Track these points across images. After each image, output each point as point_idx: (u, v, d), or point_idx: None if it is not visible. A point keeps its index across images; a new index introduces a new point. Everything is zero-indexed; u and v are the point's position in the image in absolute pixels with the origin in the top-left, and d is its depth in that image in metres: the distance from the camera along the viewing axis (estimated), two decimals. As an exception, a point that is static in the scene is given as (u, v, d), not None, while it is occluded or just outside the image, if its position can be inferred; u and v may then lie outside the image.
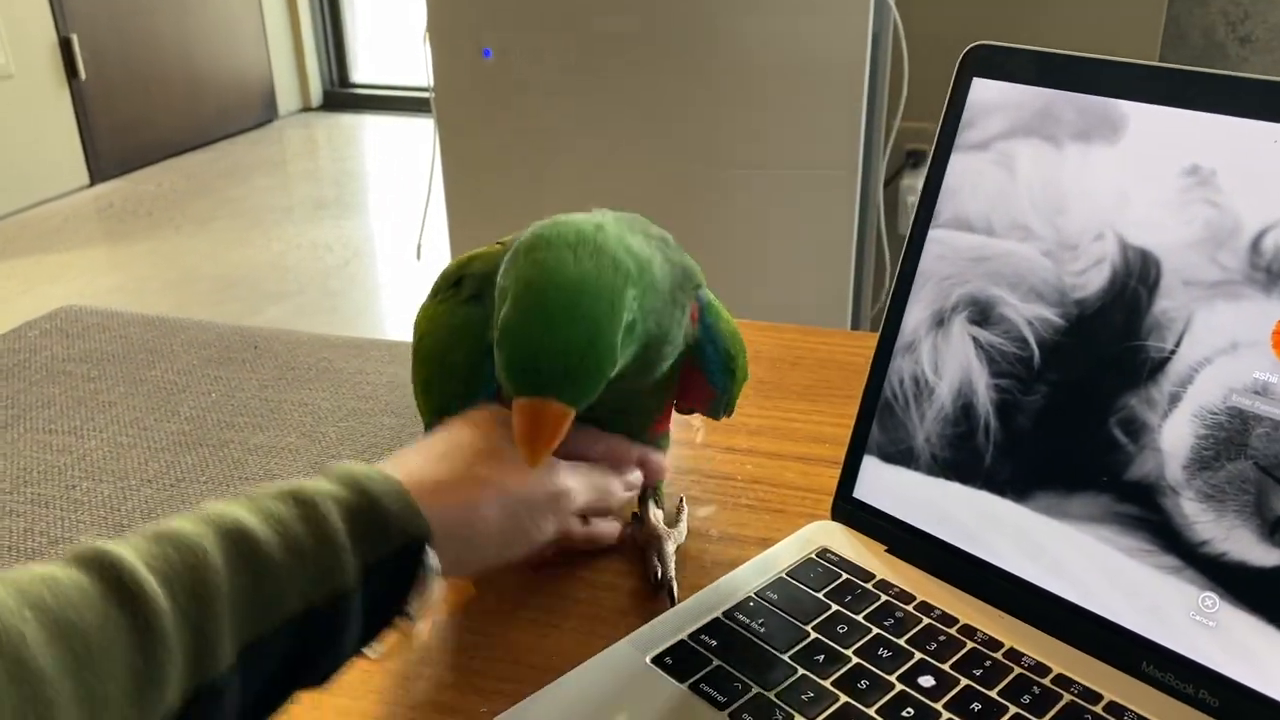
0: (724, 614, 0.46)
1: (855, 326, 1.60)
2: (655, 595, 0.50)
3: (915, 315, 0.49)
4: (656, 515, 0.53)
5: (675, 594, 0.49)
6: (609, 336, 0.41)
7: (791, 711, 0.41)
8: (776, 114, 1.44)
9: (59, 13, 3.18)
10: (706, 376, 0.51)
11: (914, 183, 1.73)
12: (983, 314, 0.47)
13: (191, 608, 0.33)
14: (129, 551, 0.34)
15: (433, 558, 0.39)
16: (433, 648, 0.47)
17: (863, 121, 1.41)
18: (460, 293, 0.51)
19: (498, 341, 0.42)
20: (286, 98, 4.12)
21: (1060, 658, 0.43)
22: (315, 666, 0.37)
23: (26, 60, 3.10)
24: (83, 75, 3.26)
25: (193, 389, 0.75)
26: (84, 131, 3.30)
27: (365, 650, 0.39)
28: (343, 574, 0.37)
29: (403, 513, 0.39)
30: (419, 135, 3.86)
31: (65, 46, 3.21)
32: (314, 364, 0.79)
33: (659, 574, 0.50)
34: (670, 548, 0.51)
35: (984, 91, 0.48)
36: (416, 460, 0.42)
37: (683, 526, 0.54)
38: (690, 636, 0.45)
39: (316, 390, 0.75)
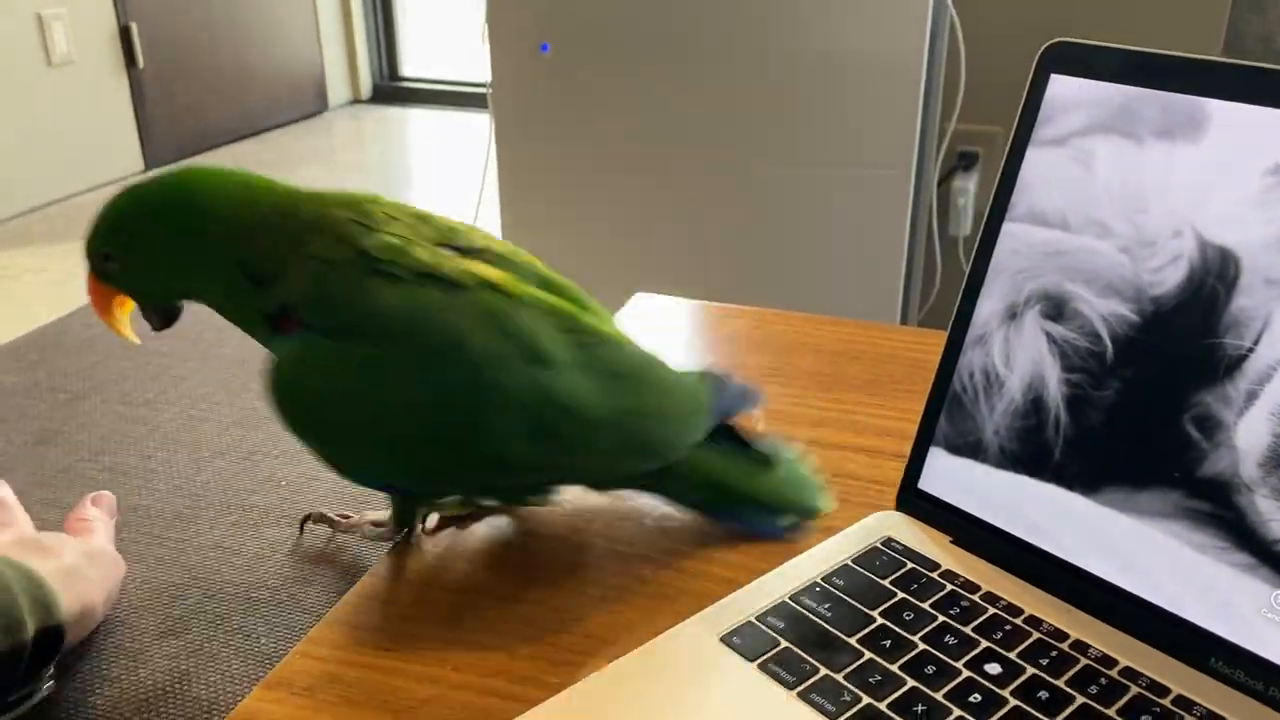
0: (790, 597, 0.47)
1: (904, 325, 1.60)
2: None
3: (987, 308, 0.50)
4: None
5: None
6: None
7: (859, 693, 0.41)
8: (832, 112, 1.44)
9: (120, 2, 3.24)
10: None
11: (965, 184, 1.73)
12: (1056, 308, 0.47)
13: None
14: None
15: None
16: (505, 619, 0.48)
17: (918, 122, 1.41)
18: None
19: None
20: (337, 90, 4.17)
21: (1127, 650, 0.43)
22: None
23: (88, 48, 3.17)
24: (141, 64, 3.32)
25: (261, 365, 0.76)
26: (140, 118, 3.37)
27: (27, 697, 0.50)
28: (20, 632, 0.46)
29: (55, 603, 0.49)
30: (466, 129, 3.89)
31: (125, 35, 3.28)
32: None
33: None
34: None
35: (1062, 88, 0.48)
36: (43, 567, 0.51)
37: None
38: (758, 618, 0.46)
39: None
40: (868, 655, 0.43)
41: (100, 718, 0.49)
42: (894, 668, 0.43)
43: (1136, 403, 0.45)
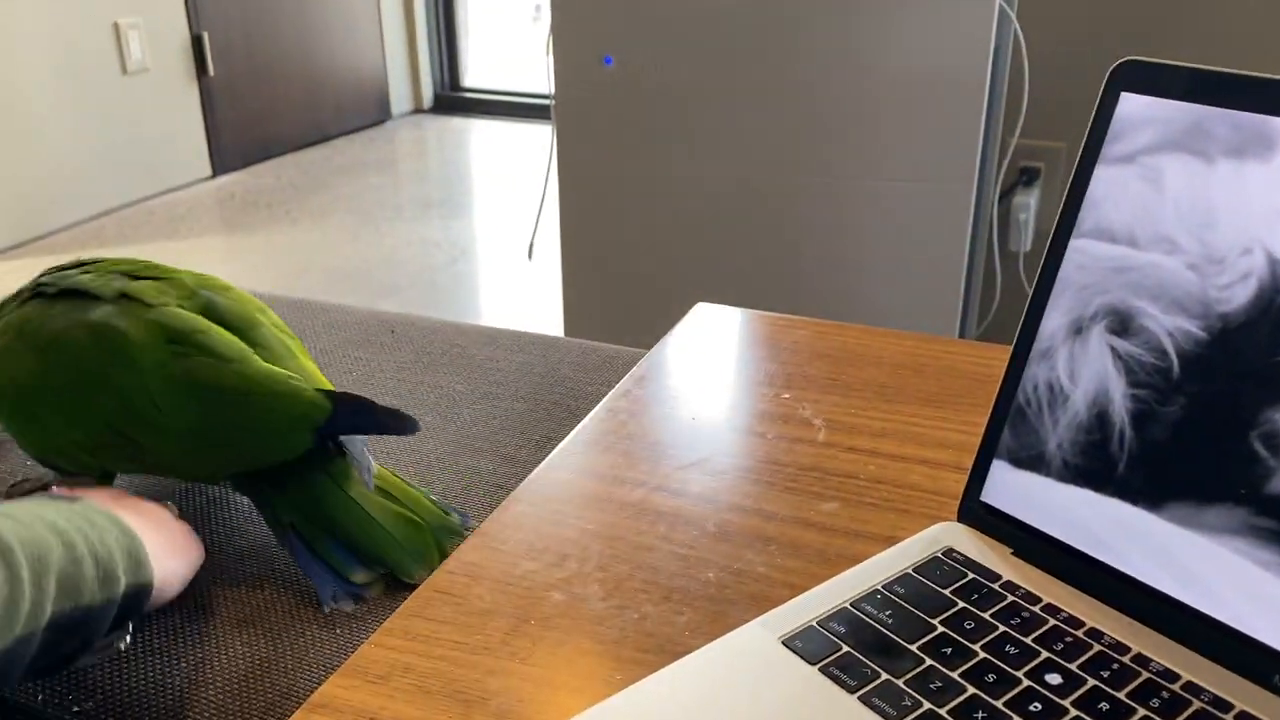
0: (852, 604, 0.48)
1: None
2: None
3: (1053, 322, 0.50)
4: None
5: None
6: None
7: (920, 699, 0.42)
8: (895, 126, 1.44)
9: (193, 11, 3.33)
10: None
11: (1027, 200, 1.72)
12: (1122, 324, 0.48)
13: (38, 574, 0.45)
14: (8, 527, 0.46)
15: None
16: (572, 617, 0.49)
17: (980, 136, 1.41)
18: None
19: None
20: (399, 99, 4.25)
21: (1189, 665, 0.43)
22: (79, 647, 0.50)
23: (161, 57, 3.26)
24: (211, 72, 3.41)
25: (334, 367, 0.79)
26: (209, 125, 3.45)
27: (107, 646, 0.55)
28: (115, 586, 0.50)
29: (145, 562, 0.52)
30: (525, 139, 3.94)
31: (197, 44, 3.37)
32: (447, 350, 0.82)
33: None
34: None
35: (1132, 106, 0.48)
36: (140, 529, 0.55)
37: None
38: (819, 622, 0.46)
39: (451, 374, 0.79)
40: (928, 662, 0.44)
41: (184, 701, 0.52)
42: (954, 675, 0.43)
43: (1203, 419, 0.45)
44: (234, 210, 3.21)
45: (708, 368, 0.75)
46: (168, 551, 0.55)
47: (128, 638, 0.54)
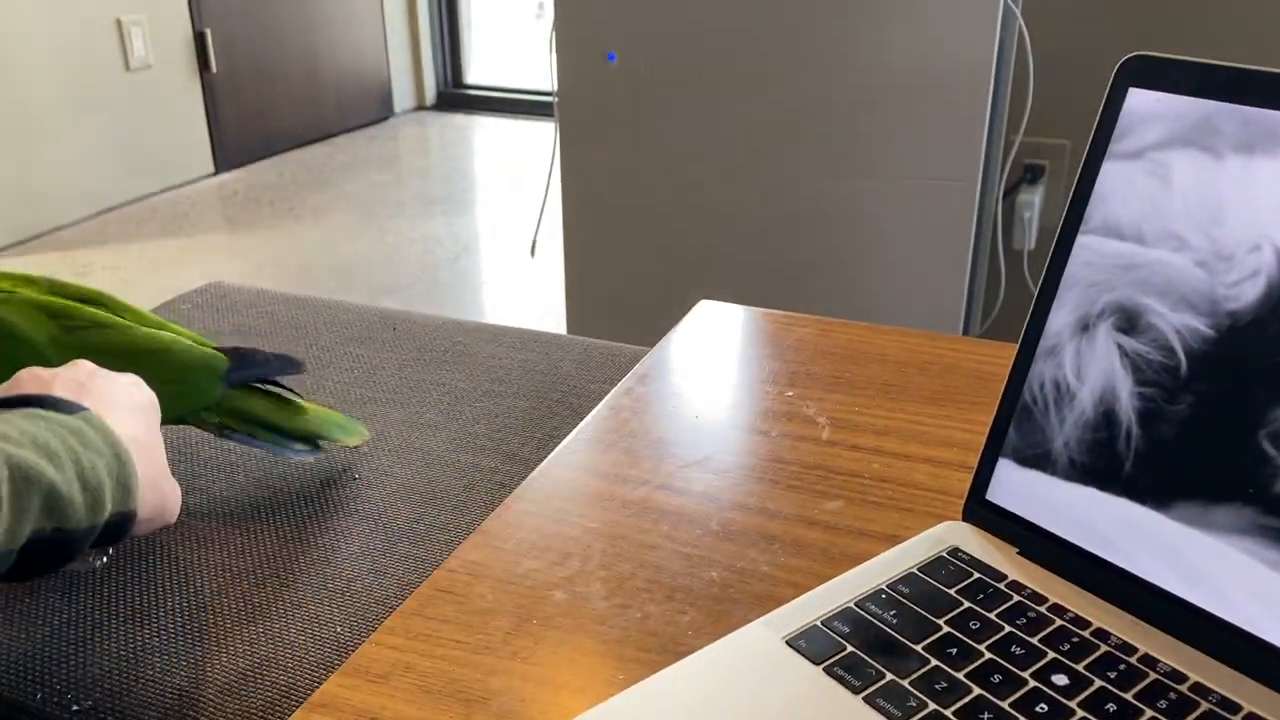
0: (856, 603, 0.47)
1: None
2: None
3: (1059, 320, 0.50)
4: None
5: None
6: None
7: (925, 699, 0.42)
8: (899, 124, 1.44)
9: (195, 8, 3.33)
10: None
11: (1031, 197, 1.71)
12: (1129, 321, 0.47)
13: (20, 494, 0.45)
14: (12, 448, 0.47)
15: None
16: (574, 616, 0.49)
17: (985, 134, 1.40)
18: None
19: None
20: (402, 96, 4.24)
21: (1197, 665, 0.43)
22: (44, 565, 0.50)
23: (165, 53, 3.26)
24: (214, 69, 3.41)
25: (336, 365, 0.79)
26: (212, 122, 3.45)
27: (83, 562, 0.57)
28: (101, 513, 0.50)
29: (133, 490, 0.52)
30: (528, 136, 3.93)
31: (200, 41, 3.37)
32: (450, 347, 0.82)
33: None
34: None
35: (1140, 101, 0.48)
36: (132, 432, 0.55)
37: None
38: (823, 622, 0.46)
39: (453, 371, 0.79)
40: (934, 662, 0.43)
41: (184, 700, 0.51)
42: (960, 675, 0.43)
43: (1211, 417, 0.44)
44: (236, 207, 3.21)
45: (711, 365, 0.75)
46: (149, 480, 0.55)
47: (104, 558, 0.56)
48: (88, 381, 0.56)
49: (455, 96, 4.36)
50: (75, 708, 0.51)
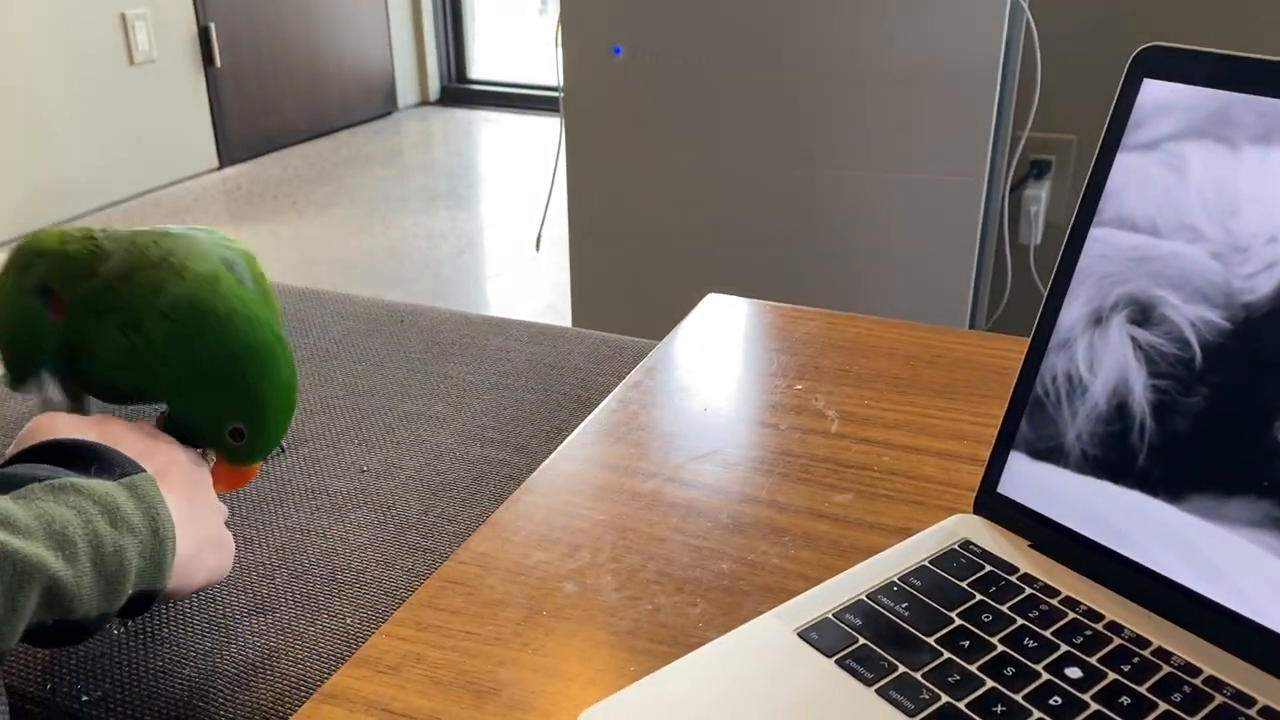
0: (868, 596, 0.47)
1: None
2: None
3: (1072, 313, 0.49)
4: None
5: None
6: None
7: (938, 692, 0.41)
8: (906, 118, 1.43)
9: (199, 2, 3.33)
10: None
11: (1038, 192, 1.71)
12: (1143, 314, 0.47)
13: (11, 594, 0.41)
14: None
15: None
16: (585, 608, 0.49)
17: (992, 128, 1.40)
18: (25, 280, 0.56)
19: (262, 417, 0.54)
20: (406, 91, 4.24)
21: (1211, 659, 0.43)
22: (52, 643, 0.46)
23: (168, 47, 3.26)
24: (218, 63, 3.41)
25: (343, 357, 0.78)
26: (216, 116, 3.45)
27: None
28: (119, 599, 0.46)
29: (166, 570, 0.48)
30: (532, 131, 3.93)
31: (204, 35, 3.36)
32: (457, 339, 0.82)
33: None
34: None
35: (1155, 92, 0.48)
36: (181, 527, 0.50)
37: None
38: (835, 614, 0.46)
39: (461, 364, 0.78)
40: (946, 655, 0.43)
41: (194, 690, 0.51)
42: (973, 668, 0.43)
43: (1225, 410, 0.44)
44: (240, 202, 3.21)
45: (719, 359, 0.74)
46: (198, 563, 0.51)
47: (122, 628, 0.53)
48: (153, 437, 0.52)
49: (459, 91, 4.35)
50: (85, 698, 0.51)
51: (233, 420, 0.53)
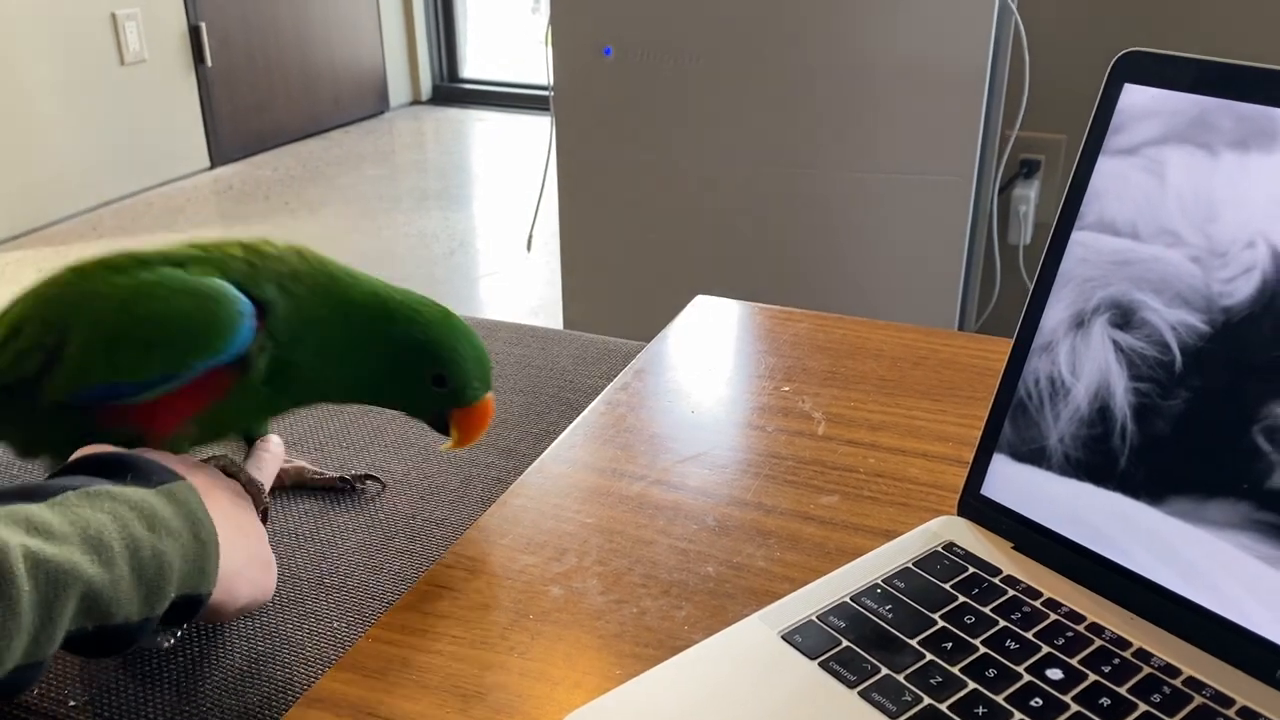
0: (851, 598, 0.47)
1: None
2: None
3: (1054, 316, 0.50)
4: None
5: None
6: None
7: (921, 694, 0.42)
8: (894, 118, 1.44)
9: (190, 1, 3.32)
10: None
11: (1026, 192, 1.71)
12: (1124, 317, 0.47)
13: (48, 601, 0.40)
14: (13, 535, 0.40)
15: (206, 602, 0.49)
16: (571, 612, 0.49)
17: (980, 128, 1.41)
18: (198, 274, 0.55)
19: (452, 358, 0.57)
20: (398, 91, 4.23)
21: (1191, 660, 0.43)
22: (98, 651, 0.45)
23: (159, 47, 3.25)
24: (209, 63, 3.40)
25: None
26: (207, 116, 3.44)
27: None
28: (161, 604, 0.45)
29: (210, 573, 0.48)
30: (523, 131, 3.93)
31: (194, 34, 3.35)
32: (446, 342, 0.82)
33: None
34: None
35: (1135, 97, 0.48)
36: (224, 539, 0.49)
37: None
38: (819, 617, 0.46)
39: (449, 367, 0.78)
40: (929, 657, 0.44)
41: (182, 694, 0.51)
42: (955, 670, 0.43)
43: (1205, 413, 0.45)
44: (232, 202, 3.20)
45: (707, 360, 0.75)
46: (244, 561, 0.50)
47: (171, 639, 0.52)
48: (196, 464, 0.52)
49: (451, 90, 4.35)
50: (72, 703, 0.52)
51: (428, 369, 0.56)
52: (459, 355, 0.57)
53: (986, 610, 0.46)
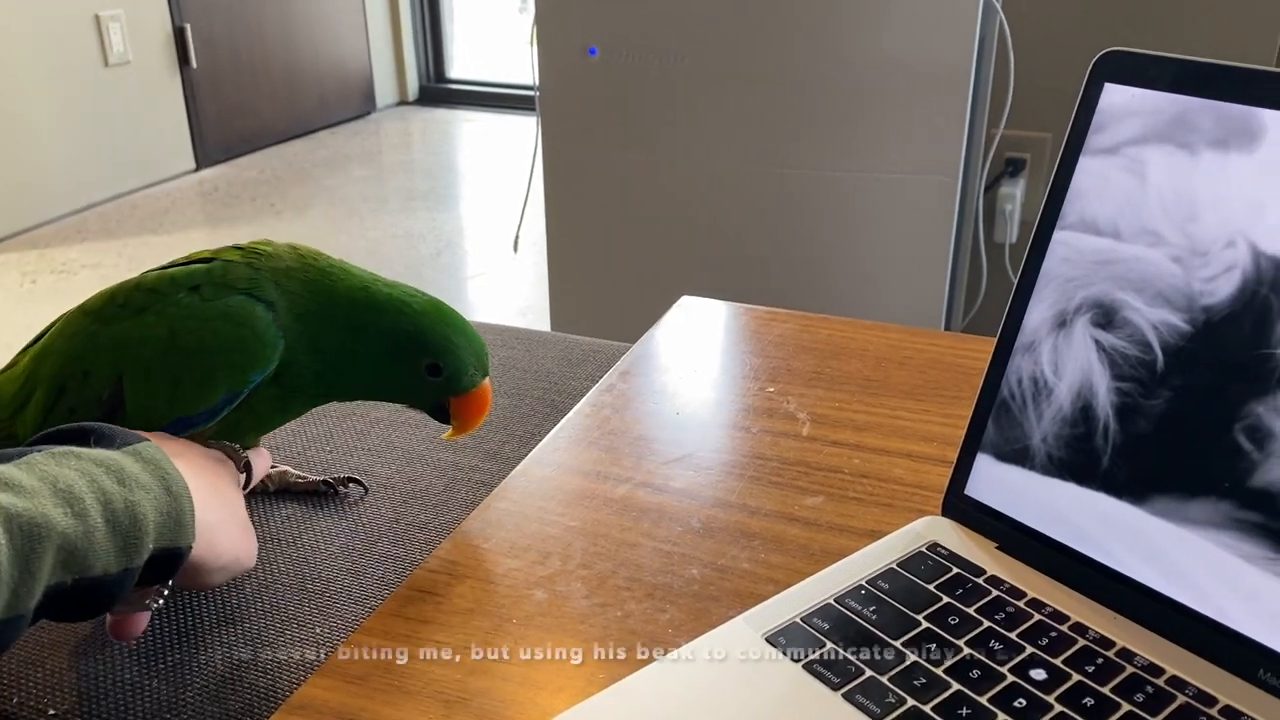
0: (835, 599, 0.47)
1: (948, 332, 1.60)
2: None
3: (1037, 316, 0.50)
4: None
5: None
6: None
7: (904, 695, 0.42)
8: (880, 118, 1.44)
9: (175, 2, 3.31)
10: None
11: (1012, 191, 1.72)
12: (1106, 317, 0.47)
13: (24, 554, 0.41)
14: None
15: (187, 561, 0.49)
16: (556, 615, 0.49)
17: (965, 127, 1.41)
18: (205, 294, 0.56)
19: (444, 347, 0.57)
20: (384, 91, 4.22)
21: (1174, 660, 0.43)
22: (84, 610, 0.45)
23: (143, 49, 3.23)
24: (194, 64, 3.38)
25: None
26: (192, 118, 3.43)
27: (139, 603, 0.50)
28: (139, 555, 0.45)
29: (187, 525, 0.48)
30: (511, 131, 3.92)
31: (179, 36, 3.34)
32: (430, 345, 0.81)
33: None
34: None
35: (1116, 97, 0.48)
36: (198, 495, 0.50)
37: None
38: (803, 618, 0.46)
39: (433, 370, 0.78)
40: (912, 658, 0.44)
41: (161, 703, 0.51)
42: (939, 671, 0.43)
43: (1187, 412, 0.45)
44: (218, 203, 3.19)
45: (692, 361, 0.75)
46: (223, 516, 0.51)
47: (161, 599, 0.51)
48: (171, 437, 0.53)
49: (438, 91, 4.34)
50: (51, 712, 0.51)
51: (421, 359, 0.57)
52: (451, 344, 0.57)
53: (970, 611, 0.46)
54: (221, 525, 0.51)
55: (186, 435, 0.55)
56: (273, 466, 0.66)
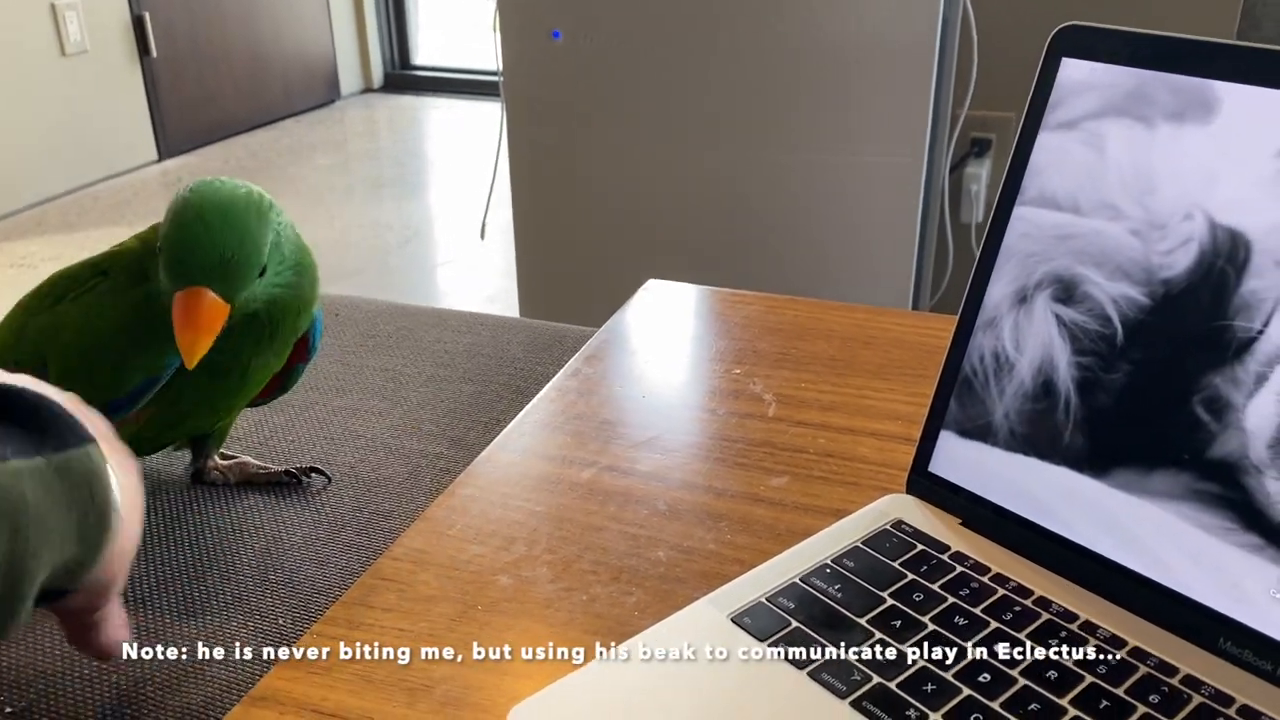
0: (800, 578, 0.47)
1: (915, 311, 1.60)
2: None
3: (997, 292, 0.50)
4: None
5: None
6: (257, 239, 0.51)
7: (870, 673, 0.42)
8: (844, 99, 1.44)
9: (133, -9, 3.25)
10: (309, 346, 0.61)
11: (978, 171, 1.72)
12: (1066, 292, 0.47)
13: None
14: None
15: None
16: (520, 601, 0.48)
17: (930, 108, 1.41)
18: (116, 279, 0.55)
19: (159, 249, 0.51)
20: (349, 79, 4.18)
21: (1137, 631, 0.43)
22: None
23: (101, 38, 3.18)
24: (154, 53, 3.33)
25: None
26: (154, 108, 3.37)
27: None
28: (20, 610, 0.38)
29: (78, 575, 0.41)
30: (477, 117, 3.90)
31: (138, 25, 3.29)
32: (394, 332, 0.81)
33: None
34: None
35: (1074, 71, 0.48)
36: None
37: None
38: (768, 598, 0.46)
39: (397, 357, 0.77)
40: (878, 635, 0.44)
41: (123, 696, 0.50)
42: (904, 648, 0.43)
43: (1146, 385, 0.45)
44: (181, 194, 3.15)
45: (658, 345, 0.74)
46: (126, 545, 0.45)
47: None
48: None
49: (403, 78, 4.30)
50: (9, 709, 0.50)
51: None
52: (166, 239, 0.50)
53: (935, 587, 0.46)
54: (133, 538, 0.45)
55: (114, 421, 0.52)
56: (233, 457, 0.65)
